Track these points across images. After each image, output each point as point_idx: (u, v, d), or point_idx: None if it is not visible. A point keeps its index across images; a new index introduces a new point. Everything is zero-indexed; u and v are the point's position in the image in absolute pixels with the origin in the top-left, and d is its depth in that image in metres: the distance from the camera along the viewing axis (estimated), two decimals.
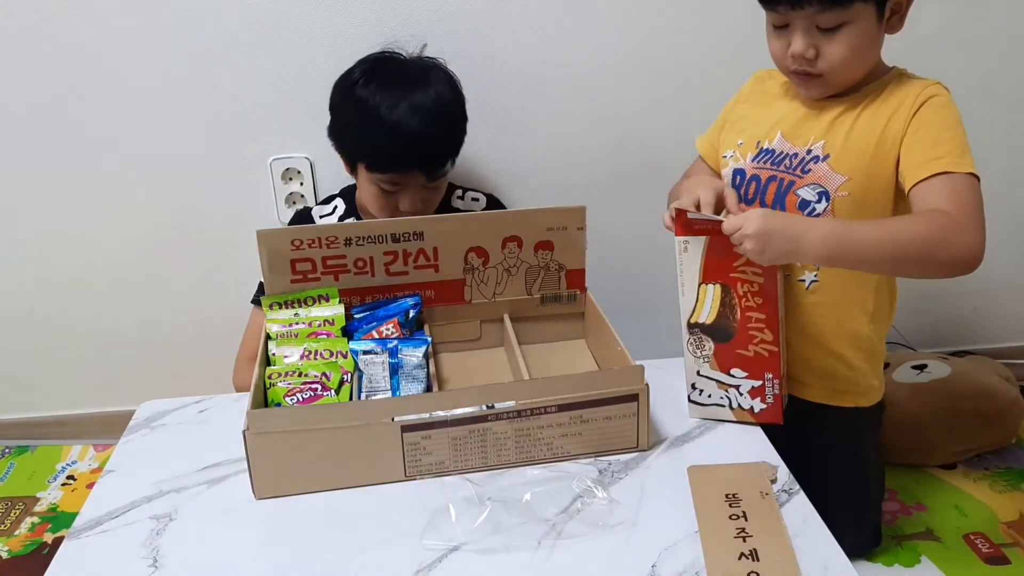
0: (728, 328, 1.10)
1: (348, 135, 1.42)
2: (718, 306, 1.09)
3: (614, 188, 1.75)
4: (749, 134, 1.23)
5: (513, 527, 0.93)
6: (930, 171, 1.04)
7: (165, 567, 0.91)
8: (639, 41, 1.67)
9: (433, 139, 1.36)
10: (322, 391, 1.07)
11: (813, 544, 0.91)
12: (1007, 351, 1.99)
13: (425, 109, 1.34)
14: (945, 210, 1.01)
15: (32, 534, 1.67)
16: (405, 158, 1.35)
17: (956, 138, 1.06)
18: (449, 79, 1.42)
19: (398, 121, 1.33)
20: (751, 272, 1.07)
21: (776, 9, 1.08)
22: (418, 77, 1.38)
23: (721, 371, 1.12)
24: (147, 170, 1.69)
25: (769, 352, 1.10)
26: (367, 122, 1.35)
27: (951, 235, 0.99)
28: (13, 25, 1.57)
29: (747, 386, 1.11)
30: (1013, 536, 1.53)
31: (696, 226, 1.07)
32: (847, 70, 1.10)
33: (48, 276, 1.78)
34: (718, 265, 1.08)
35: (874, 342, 1.25)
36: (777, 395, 1.11)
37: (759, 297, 1.08)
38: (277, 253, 1.15)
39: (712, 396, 1.13)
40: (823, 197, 1.14)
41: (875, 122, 1.11)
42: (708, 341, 1.11)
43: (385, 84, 1.36)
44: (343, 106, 1.42)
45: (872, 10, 1.05)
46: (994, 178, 1.81)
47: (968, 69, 1.74)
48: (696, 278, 1.09)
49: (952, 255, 0.99)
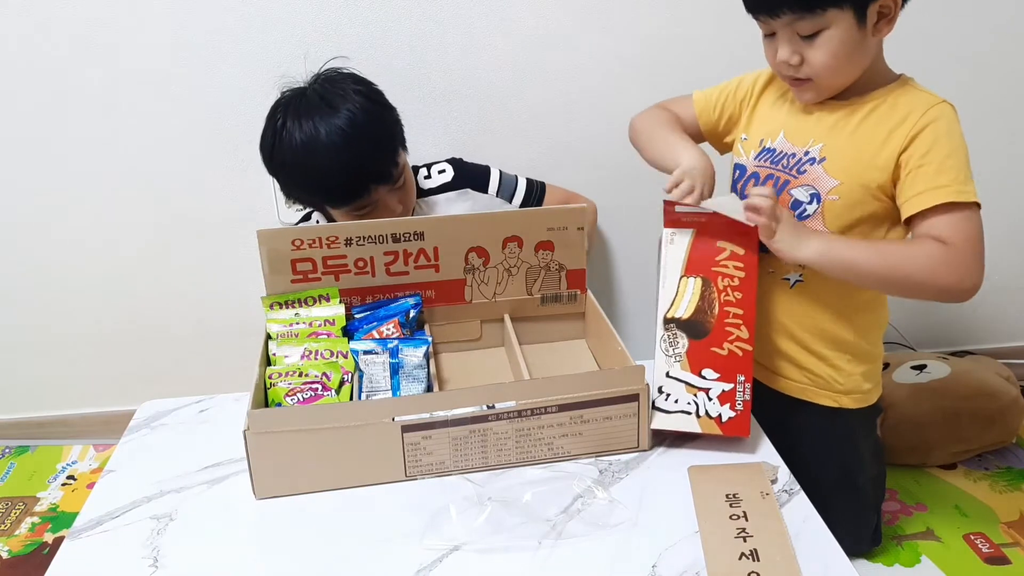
0: (705, 324, 1.09)
1: (297, 191, 1.39)
2: (697, 300, 1.08)
3: (614, 188, 1.74)
4: (755, 131, 1.24)
5: (513, 527, 0.93)
6: (933, 201, 1.05)
7: (165, 567, 0.91)
8: (641, 40, 1.67)
9: (369, 152, 1.32)
10: (322, 391, 1.07)
11: (813, 544, 0.91)
12: (1007, 351, 1.99)
13: (346, 131, 1.28)
14: (945, 242, 1.04)
15: (32, 534, 1.67)
16: (359, 183, 1.32)
17: (960, 165, 1.06)
18: (355, 85, 1.35)
19: (329, 155, 1.28)
20: (733, 266, 1.07)
21: (759, 18, 1.10)
22: (322, 104, 1.31)
23: (692, 371, 1.08)
24: (147, 170, 1.69)
25: (743, 351, 1.08)
26: (306, 173, 1.32)
27: (945, 271, 1.03)
28: (13, 25, 1.57)
29: (717, 389, 1.07)
30: (1013, 536, 1.53)
31: (684, 219, 1.08)
32: (833, 75, 1.10)
33: (48, 276, 1.78)
34: (702, 258, 1.08)
35: (861, 346, 1.25)
36: (747, 402, 1.07)
37: (739, 292, 1.08)
38: (277, 253, 1.15)
39: (679, 402, 1.08)
40: (815, 199, 1.15)
41: (876, 131, 1.12)
42: (683, 338, 1.09)
43: (300, 126, 1.30)
44: (277, 167, 1.36)
45: (850, 16, 1.05)
46: (994, 178, 1.83)
47: (969, 69, 1.74)
48: (679, 271, 1.09)
49: (944, 286, 1.05)
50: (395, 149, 1.37)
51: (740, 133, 1.26)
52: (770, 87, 1.26)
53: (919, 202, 1.06)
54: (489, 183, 1.55)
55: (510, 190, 1.56)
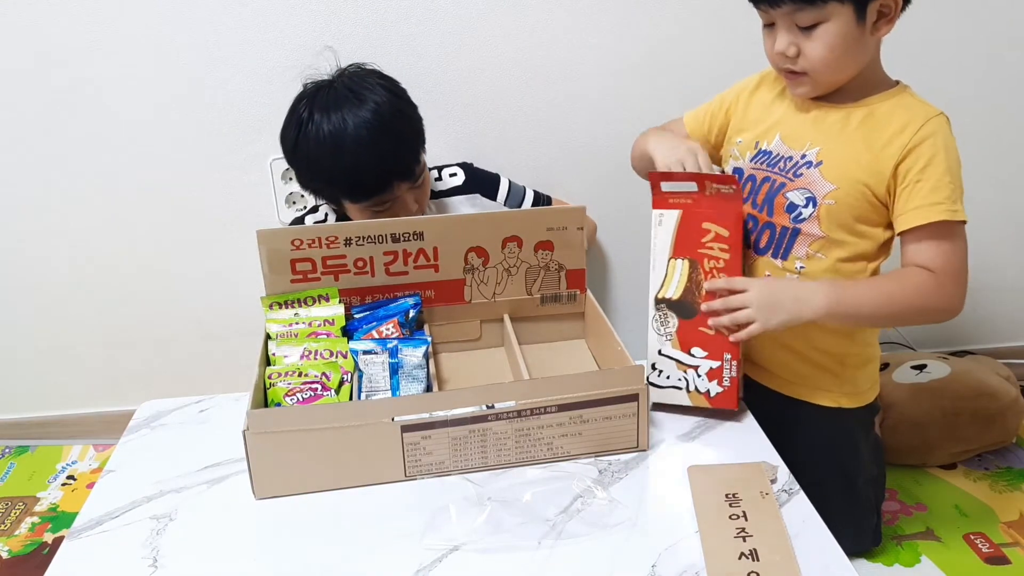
0: (693, 304, 1.12)
1: (318, 183, 1.38)
2: (685, 281, 1.11)
3: (614, 188, 1.74)
4: (750, 133, 1.24)
5: (513, 527, 0.93)
6: (927, 219, 1.09)
7: (165, 567, 0.92)
8: (642, 41, 1.67)
9: (395, 148, 1.32)
10: (322, 391, 1.07)
11: (813, 544, 0.91)
12: (1007, 351, 1.99)
13: (373, 125, 1.29)
14: (932, 271, 1.10)
15: (32, 534, 1.67)
16: (383, 179, 1.32)
17: (955, 183, 1.10)
18: (380, 80, 1.36)
19: (357, 149, 1.29)
20: (718, 248, 1.10)
21: (759, 7, 1.11)
22: (351, 97, 1.31)
23: (682, 350, 1.13)
24: (147, 170, 1.69)
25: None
26: (332, 166, 1.31)
27: (935, 300, 1.11)
28: (14, 26, 1.57)
29: (705, 367, 1.12)
30: (1013, 536, 1.53)
31: (671, 199, 1.10)
32: (829, 69, 1.11)
33: (48, 276, 1.78)
34: (688, 240, 1.11)
35: (858, 346, 1.25)
36: (734, 378, 1.12)
37: (723, 273, 1.11)
38: (277, 253, 1.15)
39: (671, 378, 1.14)
40: (810, 202, 1.15)
41: (874, 137, 1.12)
42: (673, 317, 1.13)
43: (328, 118, 1.30)
44: (300, 159, 1.36)
45: (849, 11, 1.06)
46: (994, 178, 1.84)
47: (969, 69, 1.74)
48: (667, 252, 1.12)
49: (934, 314, 1.14)
50: (419, 147, 1.39)
51: (735, 136, 1.26)
52: (762, 87, 1.26)
53: (914, 218, 1.10)
54: (499, 191, 1.56)
55: (518, 200, 1.58)
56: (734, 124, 1.27)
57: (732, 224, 1.11)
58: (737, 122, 1.27)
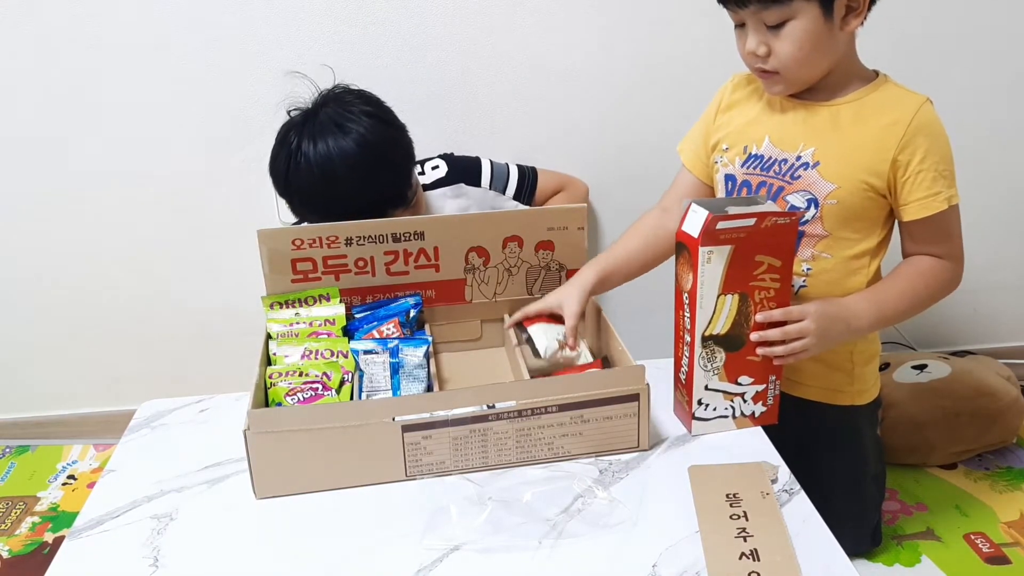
0: (741, 337, 1.08)
1: (313, 217, 1.33)
2: (734, 316, 1.07)
3: (614, 188, 1.75)
4: (735, 140, 1.22)
5: (513, 527, 0.93)
6: (930, 210, 1.12)
7: (165, 567, 0.91)
8: (641, 42, 1.67)
9: (385, 178, 1.30)
10: (323, 391, 1.07)
11: (813, 544, 0.91)
12: (1007, 351, 1.99)
13: (361, 158, 1.26)
14: (940, 256, 1.17)
15: (33, 534, 1.67)
16: (375, 209, 1.27)
17: (951, 170, 1.13)
18: (365, 107, 1.32)
19: (349, 183, 1.26)
20: (770, 279, 1.06)
21: (728, 7, 1.11)
22: (335, 128, 1.28)
23: (729, 381, 1.10)
24: (147, 170, 1.69)
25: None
26: (324, 200, 1.29)
27: (949, 283, 1.18)
28: (14, 26, 1.57)
29: (752, 392, 1.10)
30: (1014, 536, 1.53)
31: (723, 235, 1.03)
32: (800, 67, 1.10)
33: (48, 276, 1.78)
34: (739, 274, 1.05)
35: (863, 343, 1.25)
36: (776, 396, 1.11)
37: (774, 302, 1.07)
38: (278, 253, 1.15)
39: (717, 409, 1.10)
40: (812, 204, 1.15)
41: (867, 133, 1.12)
42: (720, 352, 1.09)
43: (315, 149, 1.27)
44: (292, 193, 1.33)
45: (815, 7, 1.05)
46: (995, 179, 1.84)
47: (969, 70, 1.74)
48: (716, 289, 1.05)
49: (946, 294, 1.20)
50: (409, 171, 1.37)
51: (722, 144, 1.23)
52: (739, 91, 1.24)
53: (918, 209, 1.12)
54: (481, 176, 1.55)
55: (503, 180, 1.57)
56: (719, 134, 1.24)
57: (785, 253, 1.06)
58: (721, 130, 1.24)
